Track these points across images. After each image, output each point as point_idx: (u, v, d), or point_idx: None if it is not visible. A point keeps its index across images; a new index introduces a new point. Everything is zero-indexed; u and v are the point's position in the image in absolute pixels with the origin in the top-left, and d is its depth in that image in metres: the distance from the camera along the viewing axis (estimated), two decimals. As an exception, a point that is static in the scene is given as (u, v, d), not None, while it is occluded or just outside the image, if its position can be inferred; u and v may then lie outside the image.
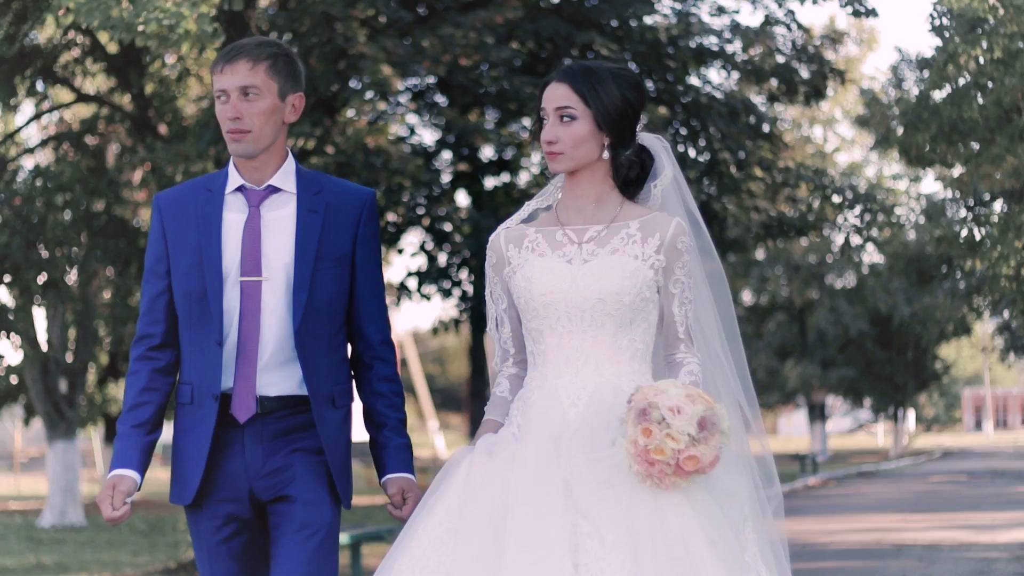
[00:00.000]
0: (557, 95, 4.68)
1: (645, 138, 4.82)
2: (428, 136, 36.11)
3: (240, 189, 4.92)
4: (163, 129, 18.42)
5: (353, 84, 18.06)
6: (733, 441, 4.56)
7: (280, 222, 4.89)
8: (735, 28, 20.76)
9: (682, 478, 4.32)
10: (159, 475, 36.77)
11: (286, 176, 4.93)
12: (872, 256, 47.54)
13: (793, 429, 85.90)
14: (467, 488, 4.47)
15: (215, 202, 4.91)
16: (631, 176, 4.77)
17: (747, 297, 49.83)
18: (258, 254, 4.85)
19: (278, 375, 4.86)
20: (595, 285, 4.59)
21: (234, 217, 4.89)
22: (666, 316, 4.72)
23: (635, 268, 4.60)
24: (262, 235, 4.87)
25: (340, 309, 4.95)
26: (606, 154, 4.69)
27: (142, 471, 4.93)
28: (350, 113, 18.48)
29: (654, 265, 4.64)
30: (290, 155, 4.96)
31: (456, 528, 4.43)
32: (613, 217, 4.70)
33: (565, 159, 4.66)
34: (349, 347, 5.06)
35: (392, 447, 5.01)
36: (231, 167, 4.94)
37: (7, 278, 19.71)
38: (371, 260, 4.99)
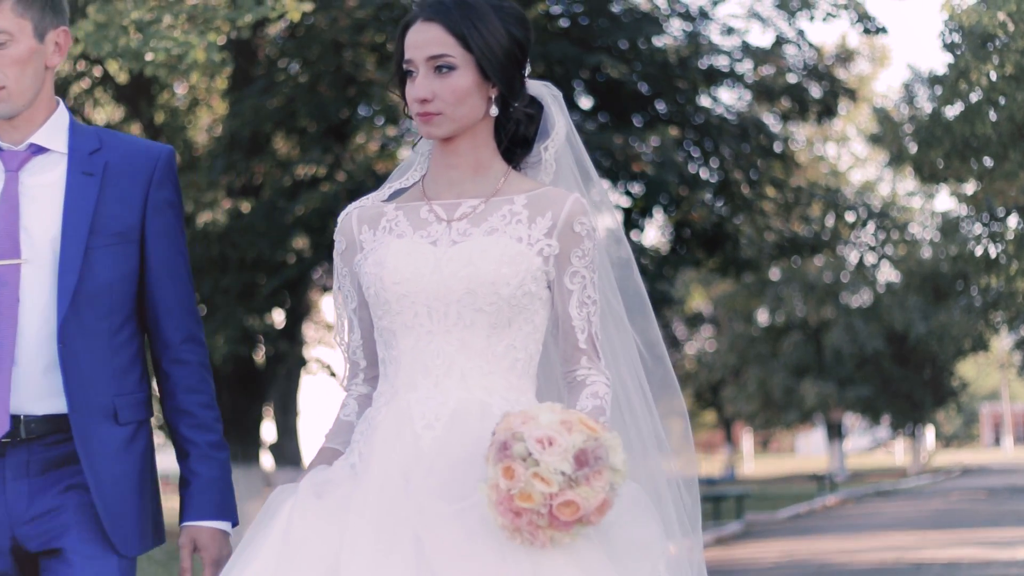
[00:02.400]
0: (428, 39, 3.66)
1: (531, 86, 3.83)
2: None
3: None
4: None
5: (363, 110, 18.09)
6: (647, 476, 3.71)
7: (45, 189, 3.81)
8: (745, 48, 20.77)
9: (560, 531, 3.29)
10: (173, 504, 36.69)
11: (55, 132, 3.88)
12: (887, 275, 47.51)
13: (811, 448, 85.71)
14: (286, 542, 3.42)
15: None
16: (521, 135, 3.80)
17: (763, 317, 49.76)
18: (16, 230, 3.78)
19: (46, 387, 3.76)
20: (464, 271, 3.57)
21: None
22: (562, 320, 3.67)
23: (517, 252, 3.58)
24: (21, 206, 3.80)
25: (126, 296, 3.83)
26: (493, 110, 3.70)
27: None
28: (360, 139, 18.51)
29: (543, 252, 3.61)
30: (61, 106, 3.94)
31: None
32: (494, 190, 3.69)
33: (445, 121, 3.65)
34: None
35: (195, 484, 3.88)
36: None
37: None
38: (167, 234, 3.87)
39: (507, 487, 3.25)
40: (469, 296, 3.56)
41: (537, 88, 3.83)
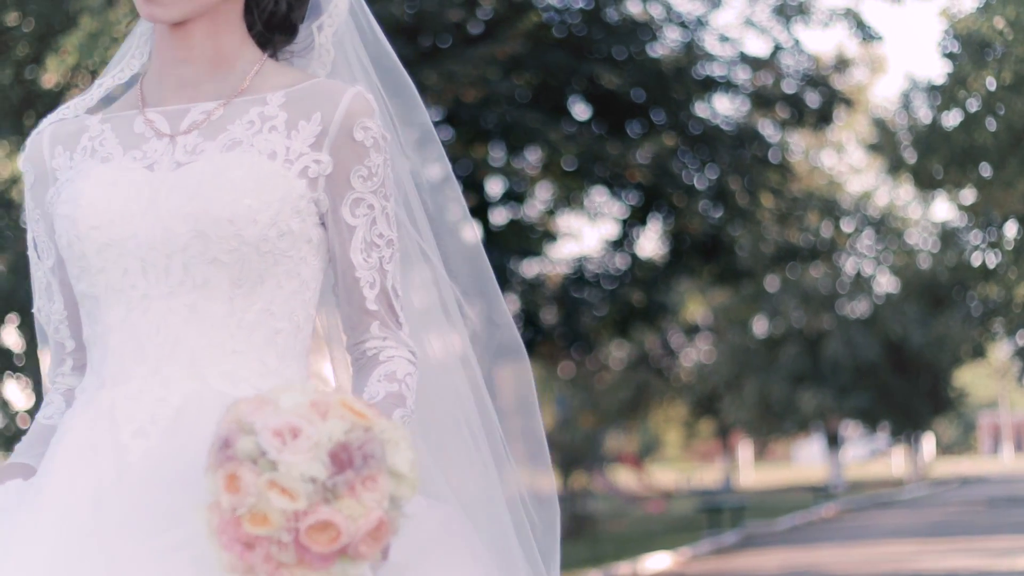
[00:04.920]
0: None
1: None
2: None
3: None
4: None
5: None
6: (484, 499, 2.70)
7: None
8: (742, 57, 20.75)
9: (316, 570, 2.12)
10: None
11: None
12: (885, 284, 47.50)
13: (809, 457, 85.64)
14: None
15: None
16: (281, 16, 2.67)
17: (760, 327, 49.70)
18: None
19: None
20: (191, 206, 2.43)
21: None
22: (341, 270, 2.56)
23: (269, 174, 2.45)
24: None
25: None
26: None
27: None
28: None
29: (309, 171, 2.49)
30: None
31: None
32: (239, 88, 2.56)
33: (176, 0, 2.52)
34: None
35: None
36: None
37: (15, 320, 19.70)
38: None
39: (232, 505, 2.12)
40: (199, 242, 2.43)
41: None
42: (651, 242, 23.15)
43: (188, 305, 2.44)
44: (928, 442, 64.05)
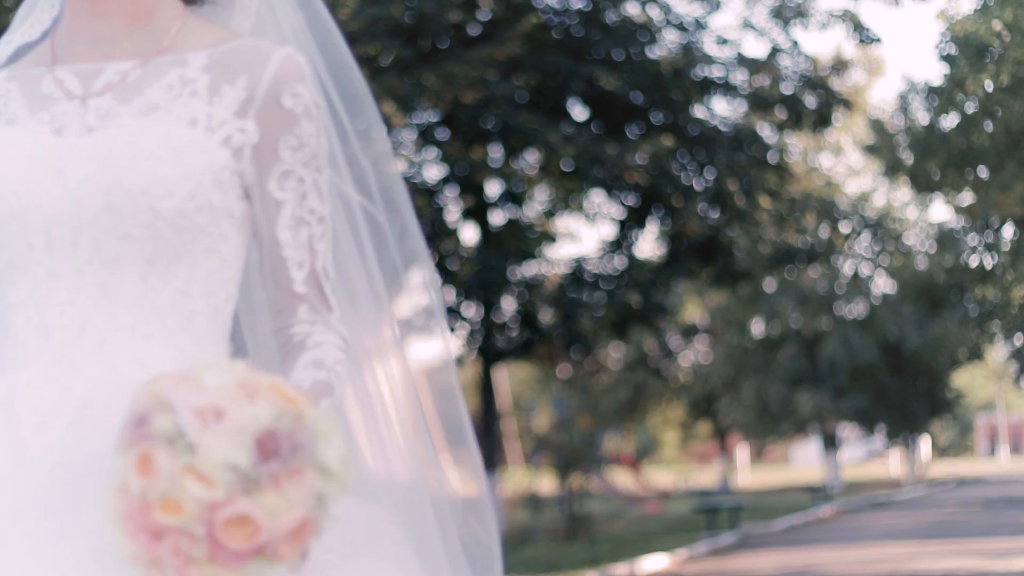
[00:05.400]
0: None
1: None
2: (434, 172, 36.09)
3: None
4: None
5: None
6: (408, 500, 2.43)
7: None
8: (740, 59, 20.77)
9: (229, 569, 1.88)
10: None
11: None
12: (882, 285, 47.51)
13: (806, 459, 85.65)
14: None
15: None
16: None
17: (757, 328, 49.72)
18: None
19: None
20: (101, 176, 2.19)
21: None
22: (267, 248, 2.30)
23: (188, 143, 2.21)
24: None
25: None
26: None
27: None
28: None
29: (232, 140, 2.24)
30: None
31: None
32: (159, 46, 2.32)
33: None
34: None
35: None
36: None
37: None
38: None
39: (142, 489, 1.87)
40: (110, 215, 2.20)
41: None
42: (649, 243, 23.21)
43: (97, 284, 2.21)
44: (925, 443, 64.08)
